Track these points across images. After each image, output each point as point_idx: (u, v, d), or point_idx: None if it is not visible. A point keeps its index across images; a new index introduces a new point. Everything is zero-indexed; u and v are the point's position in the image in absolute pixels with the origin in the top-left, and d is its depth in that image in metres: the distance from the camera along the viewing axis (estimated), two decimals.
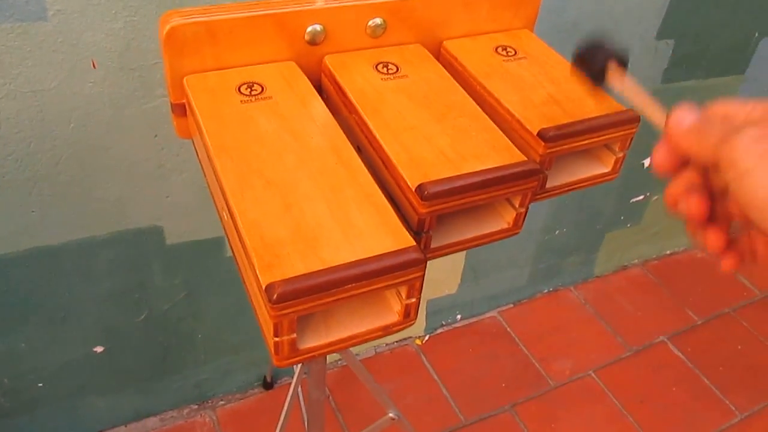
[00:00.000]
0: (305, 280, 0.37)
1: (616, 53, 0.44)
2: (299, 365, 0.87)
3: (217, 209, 0.48)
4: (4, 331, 0.93)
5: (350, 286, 0.38)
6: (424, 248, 0.46)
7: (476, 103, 0.53)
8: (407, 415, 0.98)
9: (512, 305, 1.48)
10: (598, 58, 0.44)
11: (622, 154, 0.55)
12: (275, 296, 0.36)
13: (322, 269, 0.38)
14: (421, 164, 0.46)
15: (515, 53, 0.60)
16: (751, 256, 0.34)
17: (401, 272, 0.40)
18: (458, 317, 1.43)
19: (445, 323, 1.42)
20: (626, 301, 1.52)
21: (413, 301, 0.42)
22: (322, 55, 0.56)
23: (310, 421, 0.84)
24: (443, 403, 1.27)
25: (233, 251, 0.45)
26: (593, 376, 1.35)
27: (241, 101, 0.51)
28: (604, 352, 1.40)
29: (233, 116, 0.49)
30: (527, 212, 0.50)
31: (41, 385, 1.02)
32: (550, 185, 0.53)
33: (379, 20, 0.56)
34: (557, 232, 1.41)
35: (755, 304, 1.54)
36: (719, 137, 0.30)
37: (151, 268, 0.98)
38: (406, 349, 1.36)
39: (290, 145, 0.47)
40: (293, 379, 0.87)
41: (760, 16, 1.25)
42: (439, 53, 0.61)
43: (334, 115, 0.51)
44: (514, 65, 0.58)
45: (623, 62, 0.44)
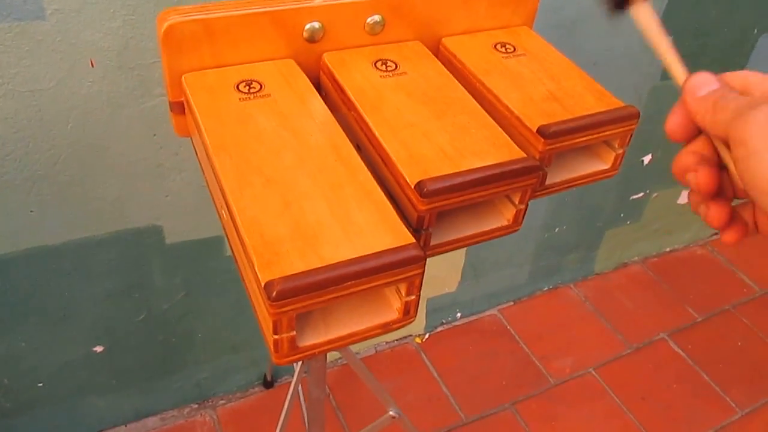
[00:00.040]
0: (304, 277, 0.37)
1: None
2: (299, 364, 0.87)
3: (216, 208, 0.48)
4: (3, 330, 0.93)
5: (350, 283, 0.38)
6: (423, 245, 0.46)
7: (475, 100, 0.53)
8: (408, 413, 0.98)
9: (512, 303, 1.48)
10: None
11: (621, 150, 0.55)
12: (274, 294, 0.36)
13: (321, 267, 0.38)
14: (420, 161, 0.46)
15: (514, 50, 0.59)
16: (753, 229, 0.34)
17: (401, 269, 0.40)
18: (458, 315, 1.43)
19: (445, 321, 1.42)
20: (626, 298, 1.52)
21: (413, 298, 0.42)
22: (320, 52, 0.56)
23: (310, 419, 0.83)
24: (444, 401, 1.27)
25: (232, 250, 0.45)
26: (594, 373, 1.35)
27: (239, 99, 0.51)
28: (604, 349, 1.40)
29: (232, 114, 0.49)
30: (527, 209, 0.50)
31: (41, 384, 1.02)
32: (549, 182, 0.53)
33: (377, 17, 0.56)
34: (557, 229, 1.41)
35: (755, 300, 1.54)
36: (734, 112, 0.30)
37: (150, 267, 0.98)
38: (406, 347, 1.36)
39: (289, 142, 0.47)
40: (293, 377, 0.87)
41: (759, 12, 1.25)
42: (438, 50, 0.60)
43: (333, 112, 0.51)
44: (513, 62, 0.58)
45: None
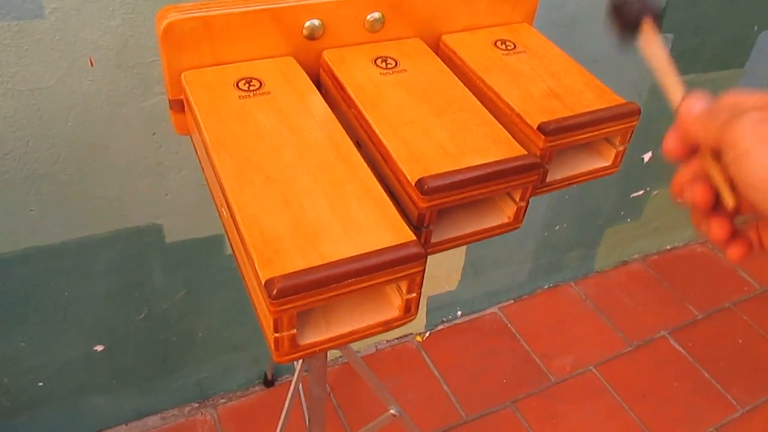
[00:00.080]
0: (305, 275, 0.37)
1: (653, 9, 0.41)
2: (300, 362, 0.87)
3: (216, 206, 0.48)
4: (4, 330, 0.93)
5: (350, 281, 0.38)
6: (424, 243, 0.46)
7: (476, 97, 0.53)
8: (408, 411, 0.97)
9: (513, 301, 1.48)
10: (634, 9, 0.41)
11: (622, 147, 0.55)
12: (275, 292, 0.36)
13: (321, 264, 0.38)
14: (420, 159, 0.46)
15: (514, 47, 0.59)
16: (758, 246, 0.35)
17: (401, 267, 0.40)
18: (459, 314, 1.43)
19: (445, 320, 1.42)
20: (627, 296, 1.52)
21: (414, 296, 0.42)
22: (320, 49, 0.56)
23: (311, 418, 0.83)
24: (444, 399, 1.26)
25: (233, 248, 0.45)
26: (594, 371, 1.35)
27: (239, 97, 0.50)
28: (604, 347, 1.40)
29: (231, 112, 0.49)
30: (528, 206, 0.50)
31: (41, 384, 1.02)
32: (550, 179, 0.53)
33: (377, 14, 0.56)
34: (557, 227, 1.41)
35: (756, 298, 1.54)
36: (723, 121, 0.31)
37: (150, 266, 0.98)
38: (406, 345, 1.36)
39: (289, 140, 0.47)
40: (294, 376, 0.87)
41: (759, 9, 1.25)
42: (438, 47, 0.60)
43: (333, 110, 0.51)
44: (513, 59, 0.58)
45: (658, 18, 0.41)
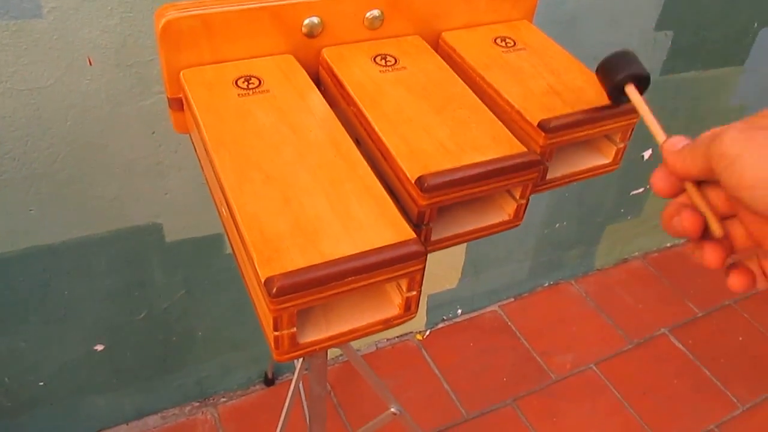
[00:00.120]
0: (305, 273, 0.37)
1: (637, 74, 0.45)
2: (300, 361, 0.86)
3: (215, 204, 0.48)
4: (4, 330, 0.93)
5: (350, 279, 0.38)
6: (424, 241, 0.46)
7: (476, 94, 0.53)
8: (409, 410, 0.97)
9: (513, 299, 1.48)
10: (619, 74, 0.46)
11: (623, 144, 0.55)
12: (274, 290, 0.36)
13: (321, 262, 0.38)
14: (420, 156, 0.46)
15: (514, 44, 0.59)
16: (762, 276, 0.36)
17: (401, 265, 0.39)
18: (459, 312, 1.43)
19: (445, 318, 1.42)
20: (627, 293, 1.52)
21: (414, 294, 0.42)
22: (319, 47, 0.56)
23: (311, 417, 0.83)
24: (445, 397, 1.26)
25: (232, 246, 0.45)
26: (594, 369, 1.35)
27: (238, 95, 0.50)
28: (605, 345, 1.40)
29: (231, 110, 0.49)
30: (528, 204, 0.50)
31: (42, 383, 1.02)
32: (550, 176, 0.53)
33: (377, 12, 0.56)
34: (557, 225, 1.41)
35: (756, 295, 1.54)
36: (707, 142, 0.33)
37: (150, 265, 0.98)
38: (407, 344, 1.36)
39: (289, 138, 0.47)
40: (294, 375, 0.87)
41: (758, 5, 1.25)
42: (437, 45, 0.60)
43: (332, 107, 0.50)
44: (513, 56, 0.58)
45: (643, 83, 0.46)
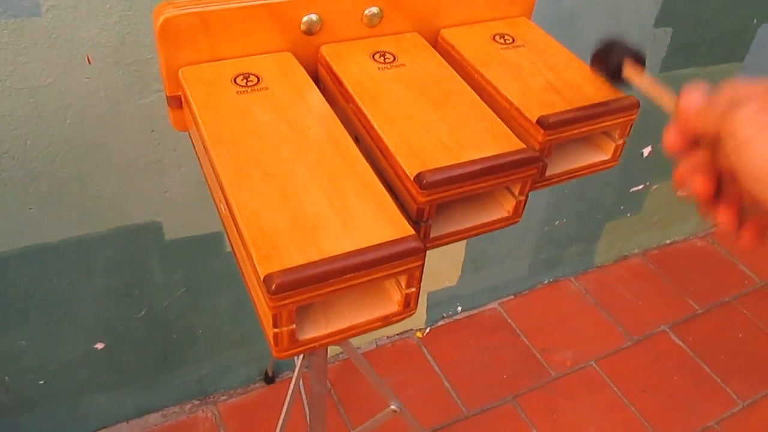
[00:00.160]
0: (304, 270, 0.37)
1: (631, 51, 0.46)
2: (300, 359, 0.87)
3: (215, 202, 0.48)
4: (4, 328, 0.93)
5: (349, 275, 0.38)
6: (423, 237, 0.46)
7: (474, 91, 0.53)
8: (409, 407, 0.97)
9: (513, 296, 1.48)
10: (613, 56, 0.47)
11: (621, 141, 0.55)
12: (273, 287, 0.36)
13: (320, 259, 0.38)
14: (419, 153, 0.46)
15: (513, 41, 0.59)
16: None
17: (400, 261, 0.39)
18: (459, 309, 1.43)
19: (445, 315, 1.42)
20: (627, 290, 1.52)
21: (413, 290, 0.42)
22: (318, 45, 0.56)
23: (311, 414, 0.83)
24: (445, 395, 1.27)
25: (232, 244, 0.45)
26: (594, 366, 1.35)
27: (237, 92, 0.50)
28: (605, 342, 1.40)
29: (229, 107, 0.49)
30: (527, 200, 0.50)
31: (42, 382, 1.02)
32: (549, 173, 0.53)
33: (375, 9, 0.56)
34: (557, 222, 1.41)
35: (756, 292, 1.54)
36: (723, 111, 0.31)
37: (150, 264, 0.98)
38: (407, 341, 1.36)
39: (287, 135, 0.47)
40: (294, 372, 0.87)
41: (758, 1, 1.25)
42: (436, 42, 0.60)
43: (331, 105, 0.50)
44: (512, 53, 0.58)
45: (639, 60, 0.46)
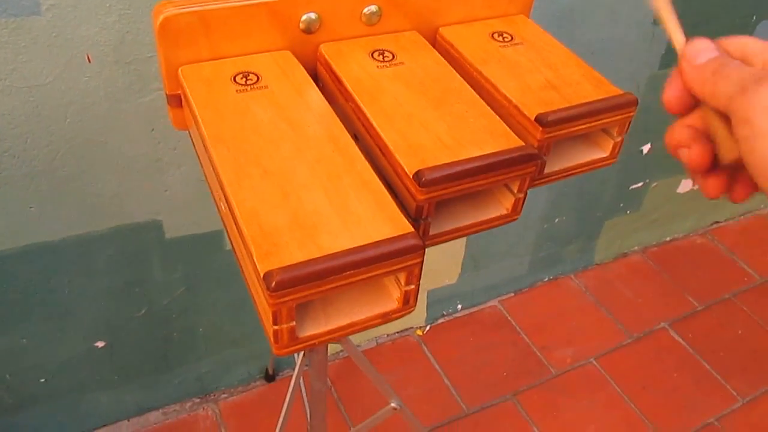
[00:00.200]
0: (303, 267, 0.37)
1: None
2: (300, 357, 0.87)
3: (215, 200, 0.48)
4: (4, 327, 0.93)
5: (349, 273, 0.38)
6: (422, 235, 0.46)
7: (473, 89, 0.53)
8: (409, 405, 0.98)
9: (513, 294, 1.49)
10: None
11: (620, 138, 0.55)
12: (273, 284, 0.36)
13: (320, 256, 0.38)
14: (418, 151, 0.46)
15: (511, 39, 0.59)
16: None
17: (400, 258, 0.40)
18: (459, 307, 1.43)
19: (445, 313, 1.42)
20: (626, 288, 1.53)
21: (412, 287, 0.42)
22: (317, 43, 0.56)
23: (312, 412, 0.84)
24: (445, 392, 1.27)
25: (231, 242, 0.45)
26: (594, 363, 1.35)
27: (236, 91, 0.51)
28: (605, 339, 1.40)
29: (229, 106, 0.49)
30: (526, 198, 0.50)
31: (43, 380, 1.02)
32: (548, 170, 0.53)
33: (374, 7, 0.56)
34: (557, 220, 1.41)
35: (755, 289, 1.55)
36: (736, 85, 0.28)
37: (150, 262, 0.98)
38: (407, 339, 1.36)
39: (287, 133, 0.47)
40: (295, 370, 0.87)
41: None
42: (435, 40, 0.60)
43: (330, 103, 0.51)
44: (510, 51, 0.58)
45: None
